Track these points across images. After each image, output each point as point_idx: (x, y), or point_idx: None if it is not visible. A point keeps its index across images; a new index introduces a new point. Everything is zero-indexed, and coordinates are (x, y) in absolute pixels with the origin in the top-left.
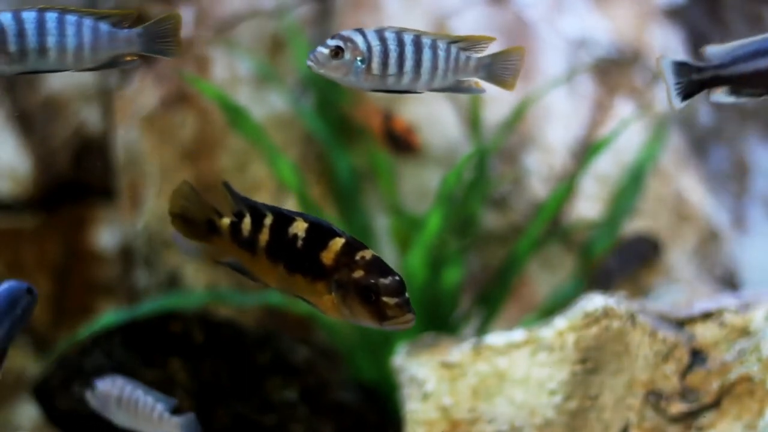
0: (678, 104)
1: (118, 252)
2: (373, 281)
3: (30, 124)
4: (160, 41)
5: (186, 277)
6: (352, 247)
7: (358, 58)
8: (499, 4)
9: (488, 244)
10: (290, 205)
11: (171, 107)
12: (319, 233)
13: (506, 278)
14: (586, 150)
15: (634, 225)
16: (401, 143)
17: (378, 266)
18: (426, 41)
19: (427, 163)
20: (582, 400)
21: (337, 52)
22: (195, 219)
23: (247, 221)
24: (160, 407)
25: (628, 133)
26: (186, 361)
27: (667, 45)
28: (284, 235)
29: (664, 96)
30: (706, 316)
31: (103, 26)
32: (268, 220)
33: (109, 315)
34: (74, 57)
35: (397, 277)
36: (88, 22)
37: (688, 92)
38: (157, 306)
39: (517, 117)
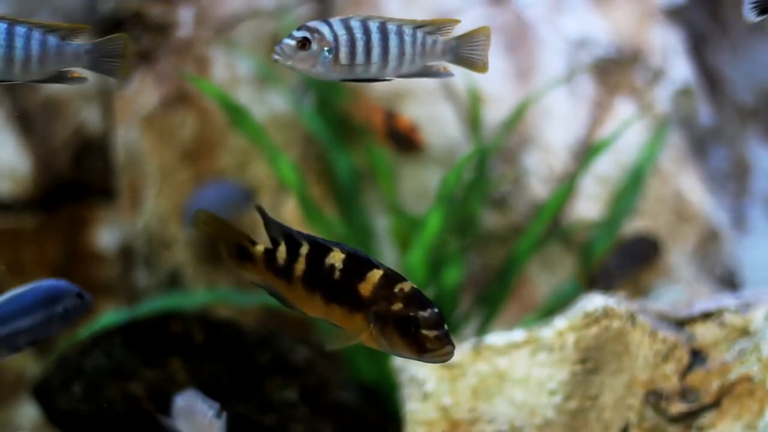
0: (752, 18)
1: (118, 252)
2: (412, 314)
3: (30, 124)
4: (107, 60)
5: (186, 277)
6: (391, 279)
7: (326, 49)
8: (499, 4)
9: (488, 244)
10: (290, 205)
11: (171, 107)
12: (357, 264)
13: (506, 278)
14: (587, 150)
15: (634, 225)
16: (405, 141)
17: (417, 298)
18: (392, 28)
19: (427, 163)
20: (582, 400)
21: (303, 43)
22: (224, 245)
23: (282, 249)
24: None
25: (628, 134)
26: (186, 361)
27: (667, 45)
28: (321, 265)
29: (664, 96)
30: (706, 316)
31: (52, 39)
32: (304, 249)
33: (109, 315)
34: (22, 69)
35: (436, 310)
36: (36, 35)
37: (763, 8)
38: (157, 306)
39: (517, 117)
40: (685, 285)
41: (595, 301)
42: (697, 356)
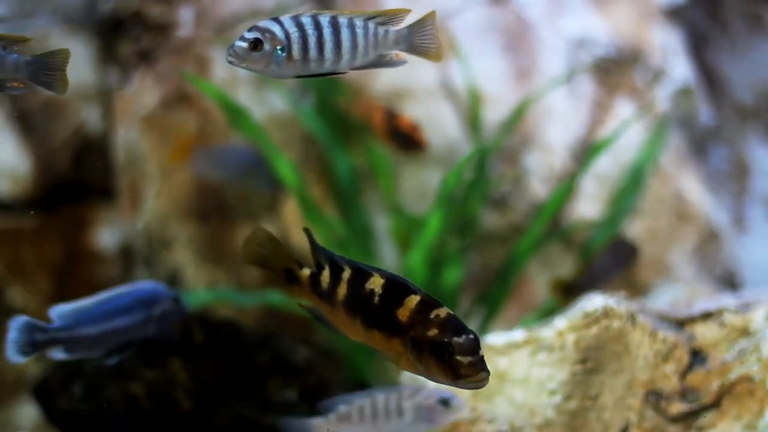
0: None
1: (118, 252)
2: (447, 340)
3: (30, 124)
4: (46, 73)
5: (186, 277)
6: (428, 304)
7: (278, 47)
8: (499, 4)
9: (488, 244)
10: (290, 204)
11: (171, 107)
12: (396, 290)
13: (506, 278)
14: (587, 150)
15: (634, 225)
16: (407, 141)
17: (453, 325)
18: (343, 21)
19: (427, 163)
20: (582, 400)
21: (256, 44)
22: (273, 268)
23: (326, 274)
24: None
25: (628, 133)
26: (186, 361)
27: (667, 45)
28: (362, 290)
29: (664, 95)
30: (706, 316)
31: None
32: (346, 274)
33: None
34: None
35: (471, 336)
36: None
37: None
38: None
39: (517, 117)
40: (685, 285)
41: (595, 301)
42: (697, 356)
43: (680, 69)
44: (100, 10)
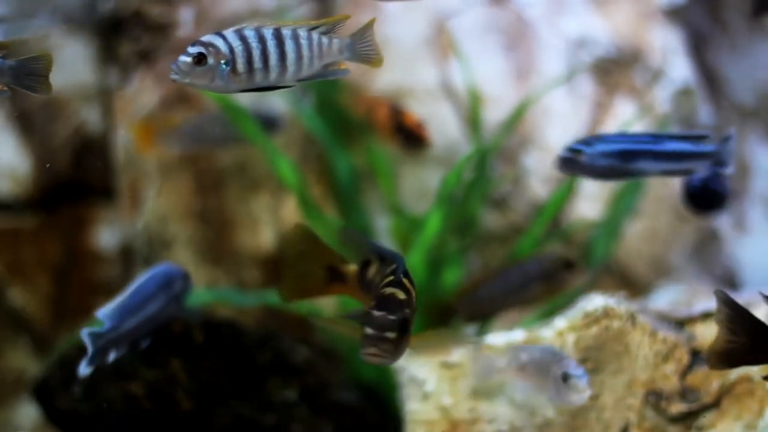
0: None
1: (118, 252)
2: (369, 311)
3: (30, 124)
4: (29, 77)
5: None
6: (397, 284)
7: (222, 62)
8: (499, 4)
9: (488, 244)
10: (290, 204)
11: (171, 107)
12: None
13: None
14: None
15: (634, 225)
16: (412, 137)
17: (386, 301)
18: (287, 33)
19: (427, 163)
20: None
21: (200, 59)
22: (315, 265)
23: (373, 269)
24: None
25: None
26: (186, 361)
27: (667, 45)
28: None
29: (664, 96)
30: (706, 316)
31: None
32: (390, 267)
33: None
34: None
35: (382, 313)
36: None
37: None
38: None
39: (517, 117)
40: (685, 285)
41: (595, 302)
42: (697, 356)
43: (680, 69)
44: (100, 10)
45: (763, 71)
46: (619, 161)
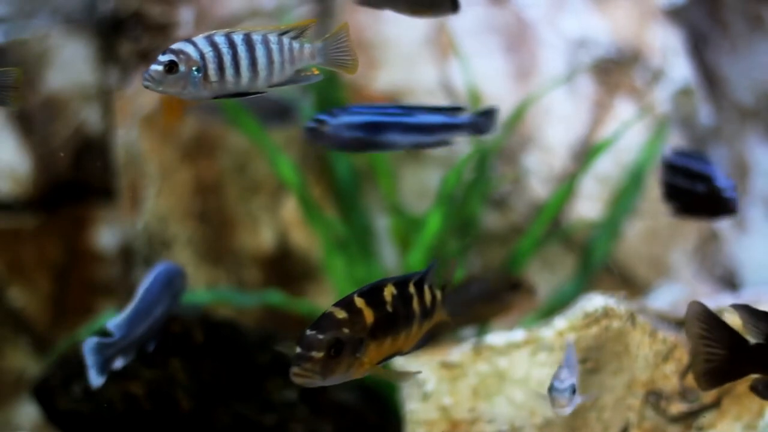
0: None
1: (118, 252)
2: (302, 332)
3: (30, 124)
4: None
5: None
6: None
7: (194, 68)
8: (499, 4)
9: (488, 244)
10: (290, 204)
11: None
12: None
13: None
14: (587, 150)
15: (634, 225)
16: None
17: (318, 320)
18: (257, 38)
19: (427, 163)
20: None
21: (171, 66)
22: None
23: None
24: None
25: (628, 133)
26: (186, 361)
27: (667, 45)
28: None
29: (664, 96)
30: None
31: None
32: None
33: (109, 315)
34: None
35: (313, 332)
36: None
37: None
38: None
39: (517, 117)
40: (685, 285)
41: (595, 302)
42: None
43: (680, 69)
44: (100, 10)
45: (763, 71)
46: (365, 133)
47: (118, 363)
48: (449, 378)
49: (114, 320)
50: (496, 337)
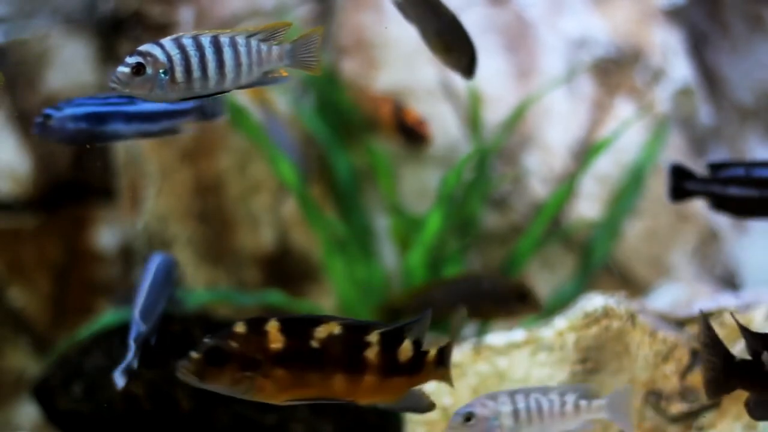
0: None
1: (118, 252)
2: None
3: (30, 124)
4: None
5: (186, 277)
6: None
7: (161, 71)
8: (499, 4)
9: (488, 244)
10: (290, 204)
11: None
12: None
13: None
14: (587, 150)
15: (634, 225)
16: (413, 134)
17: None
18: (225, 40)
19: (427, 163)
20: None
21: (138, 69)
22: None
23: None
24: (571, 397)
25: (628, 133)
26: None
27: (667, 45)
28: None
29: (664, 96)
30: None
31: None
32: None
33: (109, 315)
34: None
35: (209, 336)
36: None
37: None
38: None
39: (517, 117)
40: (685, 285)
41: (595, 301)
42: (697, 356)
43: (680, 69)
44: (100, 10)
45: (763, 71)
46: (88, 124)
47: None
48: None
49: (138, 309)
50: (496, 337)
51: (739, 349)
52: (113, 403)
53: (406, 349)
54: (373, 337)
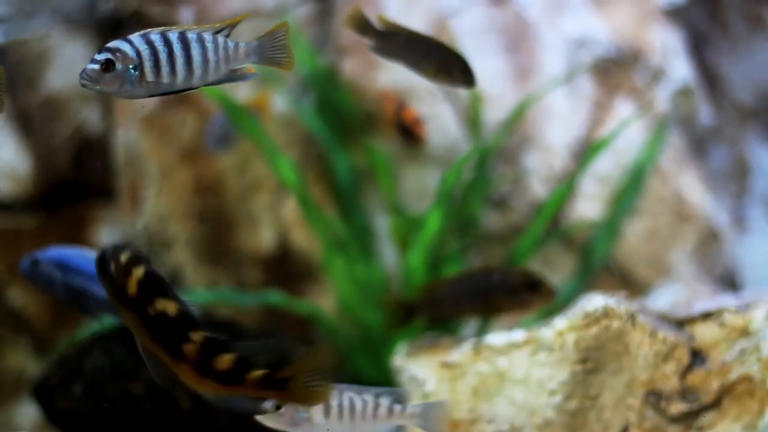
0: None
1: None
2: None
3: (30, 124)
4: None
5: (186, 277)
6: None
7: (130, 66)
8: (499, 4)
9: (488, 244)
10: (290, 204)
11: (171, 107)
12: None
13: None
14: (586, 150)
15: (634, 225)
16: (409, 133)
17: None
18: (192, 36)
19: (427, 163)
20: (582, 400)
21: (108, 65)
22: None
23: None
24: (385, 400)
25: (628, 133)
26: None
27: (667, 45)
28: None
29: (664, 96)
30: (706, 316)
31: None
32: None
33: (109, 315)
34: None
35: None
36: None
37: None
38: None
39: (517, 117)
40: (685, 285)
41: (595, 301)
42: (697, 356)
43: (680, 69)
44: (100, 10)
45: (763, 71)
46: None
47: None
48: (449, 378)
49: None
50: (496, 337)
51: (738, 349)
52: (113, 403)
53: (225, 360)
54: (197, 336)
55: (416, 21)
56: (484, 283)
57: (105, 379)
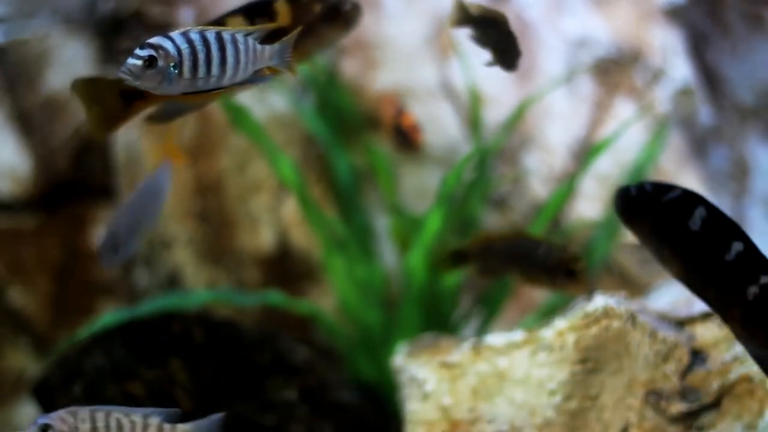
0: None
1: None
2: None
3: (30, 124)
4: None
5: (186, 277)
6: None
7: (171, 64)
8: (499, 4)
9: None
10: (290, 204)
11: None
12: None
13: (506, 279)
14: (587, 150)
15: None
16: (405, 138)
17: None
18: (227, 37)
19: (427, 163)
20: (582, 400)
21: (150, 61)
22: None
23: None
24: (155, 420)
25: (628, 133)
26: (186, 361)
27: (667, 45)
28: None
29: (664, 96)
30: (706, 316)
31: None
32: None
33: (109, 315)
34: None
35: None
36: None
37: None
38: (157, 306)
39: (517, 117)
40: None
41: (595, 301)
42: (697, 356)
43: (680, 69)
44: (100, 10)
45: (763, 71)
46: None
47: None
48: (449, 378)
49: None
50: (496, 337)
51: (738, 349)
52: (113, 403)
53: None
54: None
55: (416, 21)
56: (530, 251)
57: (105, 379)
